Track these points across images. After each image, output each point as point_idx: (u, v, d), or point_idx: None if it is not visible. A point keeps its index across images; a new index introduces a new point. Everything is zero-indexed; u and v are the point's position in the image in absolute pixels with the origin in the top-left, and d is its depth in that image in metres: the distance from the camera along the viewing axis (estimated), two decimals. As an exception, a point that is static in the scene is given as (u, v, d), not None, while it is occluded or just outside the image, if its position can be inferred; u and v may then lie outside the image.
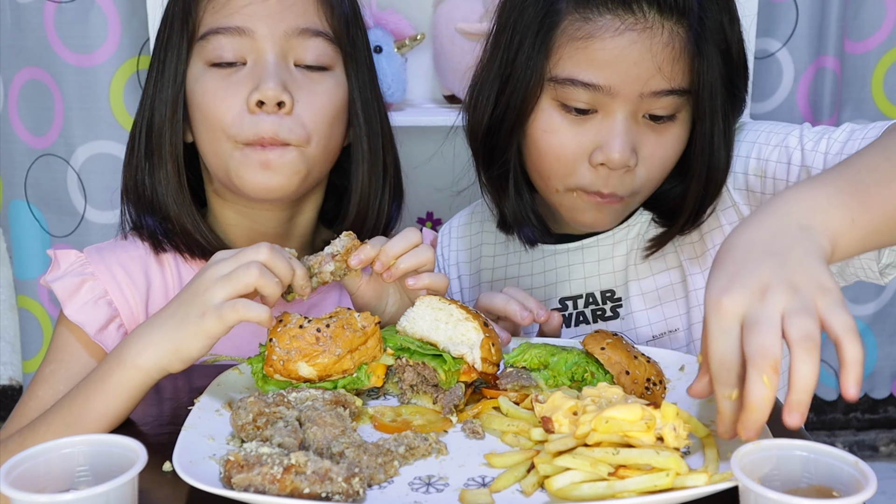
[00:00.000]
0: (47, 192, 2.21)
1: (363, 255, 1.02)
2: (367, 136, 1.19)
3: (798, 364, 0.70)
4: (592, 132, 1.09)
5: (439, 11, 2.18)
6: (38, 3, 2.10)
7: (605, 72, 1.06)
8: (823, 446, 0.71)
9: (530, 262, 1.31)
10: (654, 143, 1.10)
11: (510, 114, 1.14)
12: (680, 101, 1.09)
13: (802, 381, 0.70)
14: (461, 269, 1.40)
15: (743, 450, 0.71)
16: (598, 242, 1.27)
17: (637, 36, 1.05)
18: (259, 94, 1.08)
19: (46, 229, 2.26)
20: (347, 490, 0.74)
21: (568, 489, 0.74)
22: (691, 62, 1.07)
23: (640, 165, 1.10)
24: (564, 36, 1.08)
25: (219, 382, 0.98)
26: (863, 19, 2.25)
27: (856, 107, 2.32)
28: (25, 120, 2.17)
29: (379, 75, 2.07)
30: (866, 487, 0.66)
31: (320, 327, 0.93)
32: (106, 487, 0.66)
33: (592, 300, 1.27)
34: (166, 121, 1.15)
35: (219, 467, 0.79)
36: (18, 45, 2.14)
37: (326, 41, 1.14)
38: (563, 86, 1.09)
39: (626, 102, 1.07)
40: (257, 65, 1.11)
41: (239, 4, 1.10)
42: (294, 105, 1.10)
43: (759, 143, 1.15)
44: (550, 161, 1.13)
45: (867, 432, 2.67)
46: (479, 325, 0.96)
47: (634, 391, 0.93)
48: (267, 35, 1.10)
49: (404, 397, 0.97)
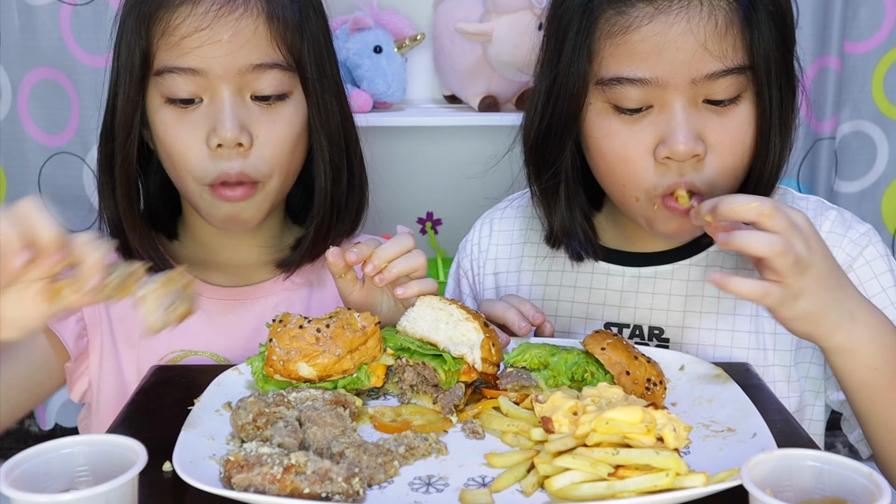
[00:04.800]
0: (62, 189, 2.26)
1: (359, 251, 1.02)
2: (328, 150, 1.19)
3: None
4: (651, 128, 1.04)
5: (439, 11, 2.18)
6: (53, 6, 2.13)
7: (649, 63, 1.01)
8: (836, 457, 0.70)
9: (575, 273, 1.25)
10: (720, 127, 1.03)
11: (557, 121, 1.11)
12: (740, 80, 1.02)
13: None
14: (499, 265, 1.32)
15: (754, 460, 0.70)
16: (657, 275, 1.20)
17: (674, 18, 0.99)
18: (217, 138, 1.09)
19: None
20: (347, 490, 0.74)
21: (568, 489, 0.74)
22: (743, 35, 1.01)
23: (710, 154, 1.03)
24: (602, 34, 1.03)
25: (219, 382, 0.98)
26: (862, 19, 2.25)
27: (856, 107, 2.32)
28: (37, 119, 2.21)
29: (379, 75, 2.10)
30: (880, 499, 0.65)
31: (320, 327, 0.93)
32: (106, 487, 0.66)
33: (639, 333, 1.20)
34: (117, 147, 1.14)
35: (219, 467, 0.79)
36: (29, 46, 2.17)
37: (282, 71, 1.12)
38: (611, 87, 1.04)
39: (679, 91, 1.01)
40: (213, 103, 1.10)
41: (191, 45, 1.08)
42: (254, 141, 1.11)
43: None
44: (617, 166, 1.07)
45: (867, 432, 2.66)
46: (480, 325, 0.95)
47: (635, 391, 0.92)
48: (221, 74, 1.09)
49: (404, 397, 0.97)
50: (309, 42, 1.15)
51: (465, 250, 1.37)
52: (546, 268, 1.28)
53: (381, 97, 2.13)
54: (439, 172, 2.31)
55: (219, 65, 1.08)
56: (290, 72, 1.13)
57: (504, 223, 1.34)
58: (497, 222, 1.35)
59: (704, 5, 1.00)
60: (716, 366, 1.01)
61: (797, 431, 0.91)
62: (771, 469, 0.70)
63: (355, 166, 1.24)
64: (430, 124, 2.13)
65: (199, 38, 1.08)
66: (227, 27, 1.08)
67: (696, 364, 1.02)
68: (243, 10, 1.09)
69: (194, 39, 1.08)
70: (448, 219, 2.27)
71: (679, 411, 0.94)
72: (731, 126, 1.04)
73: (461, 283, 1.38)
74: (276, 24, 1.11)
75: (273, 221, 1.25)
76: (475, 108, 2.15)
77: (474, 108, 2.16)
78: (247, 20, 1.09)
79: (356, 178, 1.24)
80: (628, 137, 1.05)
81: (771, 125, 1.05)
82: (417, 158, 2.32)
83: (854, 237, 1.15)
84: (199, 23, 1.08)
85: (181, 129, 1.11)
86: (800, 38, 2.29)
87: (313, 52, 1.15)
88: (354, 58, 2.11)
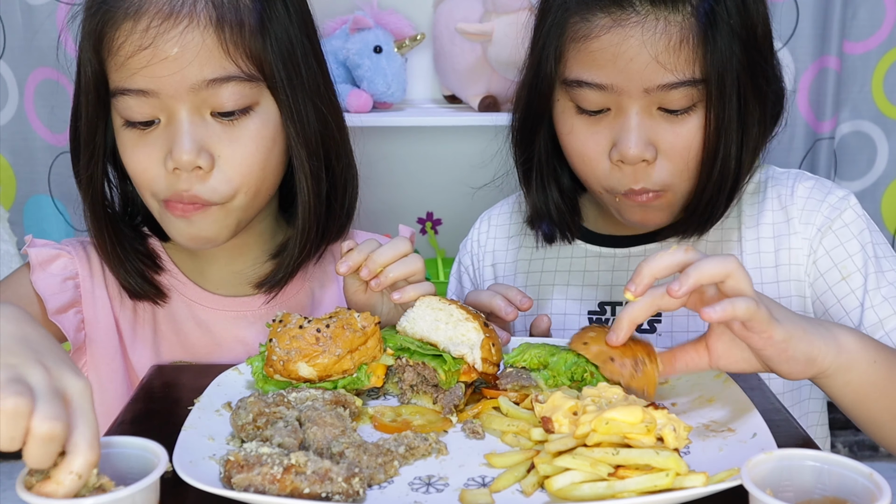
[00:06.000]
0: (71, 188, 2.24)
1: (350, 261, 1.00)
2: (307, 160, 1.10)
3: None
4: (608, 131, 1.09)
5: (439, 11, 2.18)
6: (50, 5, 2.13)
7: (606, 70, 1.06)
8: (836, 457, 0.70)
9: (569, 258, 1.30)
10: (672, 134, 1.08)
11: (530, 113, 1.17)
12: (694, 91, 1.06)
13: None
14: (497, 256, 1.37)
15: (754, 460, 0.70)
16: (646, 253, 1.24)
17: (630, 31, 1.04)
18: (173, 161, 1.01)
19: (70, 223, 2.33)
20: (347, 490, 0.74)
21: (568, 489, 0.74)
22: (698, 50, 1.04)
23: (661, 158, 1.08)
24: (569, 38, 1.09)
25: (219, 382, 0.98)
26: (862, 19, 2.25)
27: (855, 107, 2.32)
28: (43, 118, 2.23)
29: (379, 75, 2.10)
30: (881, 499, 0.65)
31: (320, 327, 0.93)
32: (131, 490, 0.66)
33: (639, 327, 1.23)
34: (81, 168, 1.11)
35: (219, 467, 0.79)
36: (31, 45, 2.18)
37: (241, 82, 1.03)
38: (573, 88, 1.09)
39: (633, 99, 1.06)
40: (171, 124, 1.03)
41: (138, 65, 1.00)
42: (216, 161, 1.03)
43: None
44: (578, 162, 1.14)
45: (867, 432, 2.66)
46: (480, 325, 0.96)
47: (623, 376, 0.90)
48: (173, 94, 1.00)
49: (404, 397, 0.97)
50: (274, 45, 1.05)
51: (465, 248, 1.42)
52: (541, 256, 1.32)
53: (381, 97, 2.13)
54: (439, 172, 2.31)
55: (169, 84, 1.00)
56: (251, 82, 1.03)
57: (501, 218, 1.40)
58: (495, 217, 1.41)
59: (660, 21, 1.04)
60: (716, 366, 1.01)
61: (797, 431, 0.91)
62: (771, 469, 0.70)
63: (338, 174, 1.16)
64: (429, 124, 2.14)
65: (144, 58, 0.99)
66: (171, 42, 0.99)
67: (696, 364, 1.02)
68: (188, 22, 1.00)
69: (139, 59, 1.00)
70: (448, 219, 2.28)
71: (679, 411, 0.94)
72: (682, 133, 1.08)
73: (462, 279, 1.42)
74: (228, 31, 1.01)
75: (261, 229, 1.20)
76: (475, 108, 2.15)
77: (474, 108, 2.16)
78: (193, 32, 1.00)
79: (339, 186, 1.16)
80: (587, 137, 1.11)
81: (726, 134, 1.08)
82: (417, 158, 2.32)
83: (833, 201, 1.19)
84: (141, 41, 0.99)
85: (139, 152, 1.05)
86: (800, 38, 2.31)
87: (281, 56, 1.05)
88: (354, 58, 2.11)
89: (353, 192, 1.20)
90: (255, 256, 1.20)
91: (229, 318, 1.20)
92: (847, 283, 1.14)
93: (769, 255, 1.20)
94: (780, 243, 1.19)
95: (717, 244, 1.22)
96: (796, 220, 1.19)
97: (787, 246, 1.19)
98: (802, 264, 1.18)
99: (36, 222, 2.34)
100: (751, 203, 1.22)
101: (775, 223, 1.21)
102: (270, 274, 1.17)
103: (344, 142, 1.17)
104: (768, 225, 1.21)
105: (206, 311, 1.19)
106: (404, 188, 2.28)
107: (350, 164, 1.19)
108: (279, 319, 0.96)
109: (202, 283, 1.21)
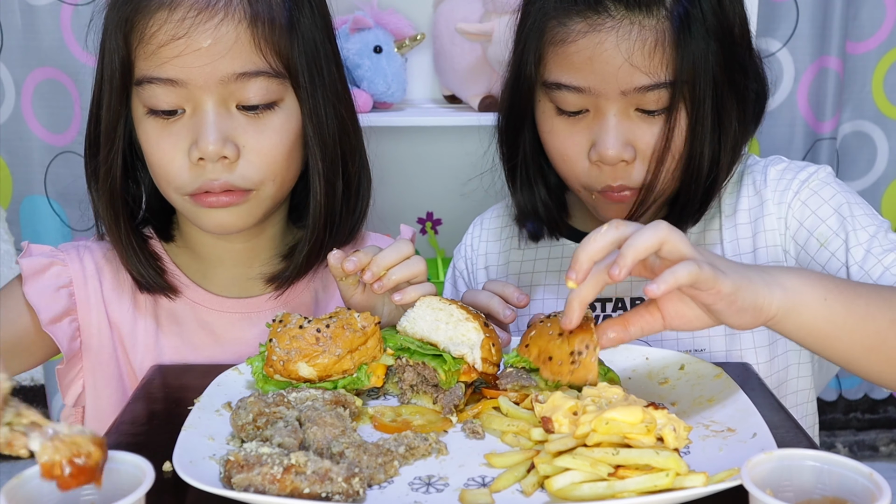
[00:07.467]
0: (67, 187, 2.27)
1: (357, 259, 1.00)
2: (321, 161, 1.12)
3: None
4: (586, 132, 1.11)
5: (439, 11, 2.18)
6: (54, 6, 2.14)
7: (582, 73, 1.07)
8: (836, 457, 0.70)
9: (560, 258, 1.32)
10: (649, 134, 1.09)
11: (514, 112, 1.19)
12: (670, 92, 1.07)
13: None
14: (489, 259, 1.39)
15: (754, 460, 0.70)
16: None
17: (605, 35, 1.05)
18: (198, 151, 1.03)
19: (67, 223, 2.32)
20: (347, 490, 0.74)
21: (568, 489, 0.74)
22: (673, 53, 1.06)
23: (639, 159, 1.10)
24: (548, 42, 1.10)
25: (219, 382, 0.98)
26: (863, 20, 2.25)
27: (856, 107, 2.32)
28: (42, 118, 2.22)
29: (379, 75, 2.10)
30: (880, 499, 0.65)
31: (320, 328, 0.94)
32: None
33: (622, 305, 1.25)
34: (101, 159, 1.10)
35: (219, 467, 0.79)
36: (31, 45, 2.18)
37: (269, 78, 1.05)
38: (552, 90, 1.11)
39: (611, 101, 1.08)
40: (196, 114, 1.04)
41: (169, 54, 1.01)
42: (241, 152, 1.05)
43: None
44: (557, 162, 1.16)
45: (867, 432, 2.67)
46: (480, 325, 0.96)
47: (562, 372, 0.89)
48: (202, 85, 1.02)
49: (404, 397, 0.97)
50: (300, 45, 1.07)
51: (459, 253, 1.44)
52: (532, 256, 1.34)
53: (381, 97, 2.13)
54: (439, 172, 2.31)
55: (199, 75, 1.02)
56: (278, 78, 1.06)
57: (493, 221, 1.42)
58: (487, 221, 1.43)
59: (635, 25, 1.05)
60: (716, 366, 1.01)
61: (797, 431, 0.91)
62: (771, 469, 0.70)
63: (353, 176, 1.17)
64: (430, 124, 2.13)
65: (177, 47, 1.01)
66: (206, 34, 1.01)
67: (695, 364, 1.02)
68: (223, 16, 1.02)
69: (172, 48, 1.01)
70: (448, 219, 2.27)
71: (679, 411, 0.94)
72: (659, 134, 1.09)
73: (457, 283, 1.44)
74: (260, 28, 1.04)
75: (273, 229, 1.21)
76: (475, 108, 2.15)
77: (474, 108, 2.16)
78: (227, 26, 1.02)
79: (353, 188, 1.18)
80: (566, 137, 1.13)
81: (703, 133, 1.09)
82: (417, 158, 2.32)
83: (803, 177, 1.20)
84: (175, 30, 1.01)
85: (163, 142, 1.05)
86: (800, 38, 2.31)
87: (306, 56, 1.08)
88: (354, 58, 2.11)
89: (366, 194, 1.22)
90: (263, 260, 1.21)
91: (233, 319, 1.20)
92: (826, 249, 1.14)
93: (747, 241, 1.21)
94: (757, 227, 1.20)
95: (699, 235, 1.23)
96: (770, 202, 1.20)
97: (763, 228, 1.20)
98: (779, 244, 1.19)
99: (31, 223, 2.33)
100: (730, 192, 1.24)
101: (751, 208, 1.22)
102: (281, 270, 1.18)
103: (359, 144, 1.19)
104: (744, 211, 1.22)
105: (210, 313, 1.19)
106: (404, 188, 2.27)
107: (364, 167, 1.21)
108: (279, 319, 0.96)
109: (205, 284, 1.20)
